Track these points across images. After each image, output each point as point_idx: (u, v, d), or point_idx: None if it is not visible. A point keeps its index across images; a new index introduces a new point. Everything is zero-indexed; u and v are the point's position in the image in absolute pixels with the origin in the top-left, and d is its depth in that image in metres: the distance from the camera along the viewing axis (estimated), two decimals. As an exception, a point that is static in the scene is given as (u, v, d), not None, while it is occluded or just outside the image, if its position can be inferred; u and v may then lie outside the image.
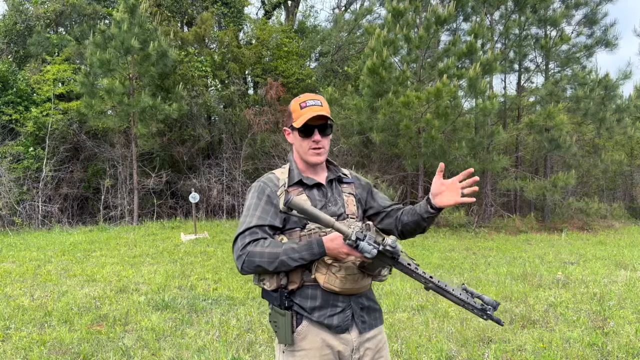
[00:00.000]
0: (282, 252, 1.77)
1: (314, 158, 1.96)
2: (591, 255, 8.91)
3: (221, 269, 7.50)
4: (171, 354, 4.11)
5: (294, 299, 1.87)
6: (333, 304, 1.86)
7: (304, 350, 1.86)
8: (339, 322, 1.87)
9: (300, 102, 1.94)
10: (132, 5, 12.94)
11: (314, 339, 1.86)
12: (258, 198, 1.90)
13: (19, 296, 5.91)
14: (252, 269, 1.81)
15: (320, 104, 1.94)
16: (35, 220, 13.16)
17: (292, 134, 1.98)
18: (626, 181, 18.76)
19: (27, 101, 14.32)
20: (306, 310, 1.86)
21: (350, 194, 2.03)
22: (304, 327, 1.86)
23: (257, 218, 1.85)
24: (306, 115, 1.90)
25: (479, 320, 4.94)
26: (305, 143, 1.94)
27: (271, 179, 1.96)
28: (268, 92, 15.51)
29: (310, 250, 1.77)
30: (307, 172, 2.00)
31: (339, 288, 1.82)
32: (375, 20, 17.12)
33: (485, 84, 11.51)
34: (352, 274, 1.83)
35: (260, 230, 1.84)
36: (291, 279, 1.85)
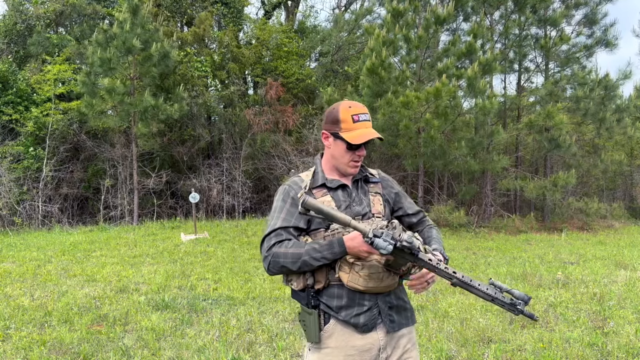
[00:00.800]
0: (304, 253, 1.81)
1: (352, 170, 2.00)
2: (591, 255, 8.91)
3: (221, 269, 7.50)
4: (171, 354, 4.11)
5: (321, 298, 1.89)
6: (359, 303, 1.88)
7: (329, 348, 1.89)
8: (365, 320, 1.88)
9: (353, 115, 1.92)
10: (135, 5, 12.95)
11: (339, 337, 1.88)
12: (283, 201, 1.94)
13: (19, 296, 5.92)
14: (277, 269, 1.86)
15: (369, 119, 1.97)
16: (35, 220, 13.16)
17: (335, 141, 1.96)
18: (626, 181, 18.76)
19: (27, 101, 14.33)
20: (333, 310, 1.88)
21: (377, 194, 2.05)
22: (330, 326, 1.89)
23: (282, 220, 1.90)
24: (363, 133, 1.91)
25: (478, 320, 4.94)
26: (348, 155, 1.96)
27: (296, 182, 1.99)
28: (268, 92, 15.51)
29: (331, 249, 1.80)
30: (332, 174, 2.01)
31: (362, 287, 1.84)
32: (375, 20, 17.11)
33: (484, 84, 11.51)
34: (376, 273, 1.84)
35: (284, 231, 1.88)
36: (317, 278, 1.88)
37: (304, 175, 2.02)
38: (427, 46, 12.64)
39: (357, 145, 1.93)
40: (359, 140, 1.90)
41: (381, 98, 11.62)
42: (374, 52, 11.55)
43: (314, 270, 1.87)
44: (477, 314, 5.18)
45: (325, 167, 2.03)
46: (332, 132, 1.96)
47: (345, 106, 1.95)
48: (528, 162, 17.23)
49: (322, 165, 2.03)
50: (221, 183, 15.12)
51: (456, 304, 5.50)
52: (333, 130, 1.95)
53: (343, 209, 1.91)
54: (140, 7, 13.06)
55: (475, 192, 13.86)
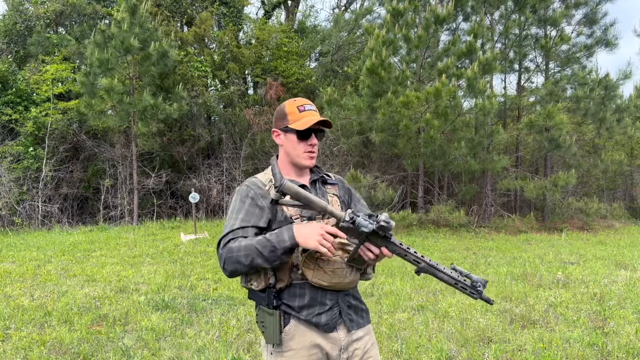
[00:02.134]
0: (255, 242, 1.76)
1: (307, 161, 1.98)
2: (591, 255, 8.91)
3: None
4: (171, 354, 4.11)
5: (282, 298, 1.86)
6: (321, 302, 1.86)
7: (292, 350, 1.86)
8: (327, 320, 1.87)
9: (298, 106, 1.96)
10: (133, 5, 12.94)
11: (302, 338, 1.86)
12: (241, 201, 1.90)
13: (19, 296, 5.91)
14: (232, 265, 1.79)
15: (315, 109, 1.99)
16: (35, 220, 13.16)
17: (286, 135, 1.97)
18: (626, 181, 18.76)
19: (27, 101, 14.33)
20: (294, 309, 1.86)
21: (334, 195, 2.04)
22: (292, 327, 1.86)
23: (241, 220, 1.86)
24: (309, 119, 1.92)
25: (479, 320, 4.94)
26: (301, 146, 1.95)
27: (255, 182, 1.96)
28: (268, 92, 15.51)
29: (280, 236, 1.75)
30: (290, 174, 2.00)
31: (327, 283, 1.82)
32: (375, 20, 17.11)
33: (484, 84, 11.50)
34: (341, 269, 1.83)
35: (242, 231, 1.83)
36: (279, 277, 1.85)
37: (261, 176, 1.99)
38: (427, 46, 12.64)
39: (307, 134, 1.93)
40: (307, 125, 1.90)
41: (381, 98, 11.62)
42: (373, 52, 11.54)
43: (276, 269, 1.83)
44: (477, 314, 5.17)
45: (282, 168, 2.01)
46: (281, 128, 1.97)
47: (290, 101, 1.99)
48: (528, 162, 17.24)
49: (278, 167, 2.01)
50: (221, 183, 15.12)
51: (456, 304, 5.50)
52: (282, 126, 1.96)
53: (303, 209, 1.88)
54: (139, 6, 13.06)
55: (475, 192, 13.86)
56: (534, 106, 15.36)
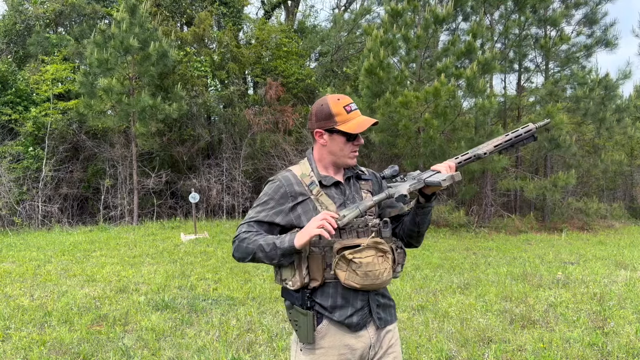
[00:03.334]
0: (262, 239, 1.85)
1: (352, 161, 2.00)
2: (591, 255, 8.91)
3: (221, 269, 7.50)
4: (171, 354, 4.11)
5: (315, 297, 1.90)
6: (353, 303, 1.90)
7: (323, 349, 1.90)
8: (358, 320, 1.91)
9: (345, 106, 1.93)
10: (132, 5, 12.94)
11: (333, 337, 1.90)
12: (269, 195, 1.95)
13: (19, 296, 5.91)
14: (239, 253, 1.90)
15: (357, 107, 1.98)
16: (35, 220, 13.15)
17: (332, 136, 1.94)
18: (626, 181, 18.75)
19: (27, 101, 14.32)
20: (327, 310, 1.89)
21: (368, 191, 2.05)
22: (323, 326, 1.90)
23: (260, 215, 1.93)
24: (359, 122, 1.92)
25: (479, 320, 4.94)
26: (348, 147, 1.95)
27: (289, 178, 1.97)
28: (268, 92, 15.50)
29: (283, 238, 1.83)
30: (328, 171, 2.00)
31: (359, 285, 1.84)
32: (375, 19, 17.11)
33: (484, 83, 11.50)
34: (373, 270, 1.85)
35: (257, 224, 1.91)
36: (313, 276, 1.87)
37: (297, 170, 2.00)
38: (426, 46, 12.63)
39: (355, 135, 1.95)
40: (359, 129, 1.90)
41: (380, 98, 11.62)
42: (372, 52, 11.54)
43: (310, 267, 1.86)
44: (477, 314, 5.18)
45: (320, 164, 2.01)
46: (326, 129, 1.93)
47: (333, 100, 1.94)
48: (528, 162, 17.23)
49: (315, 162, 2.01)
50: (221, 183, 15.11)
51: (456, 304, 5.50)
52: (328, 127, 1.93)
53: (338, 206, 1.92)
54: (138, 6, 13.05)
55: (475, 192, 13.86)
56: (534, 106, 15.35)
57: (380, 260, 1.86)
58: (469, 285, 6.44)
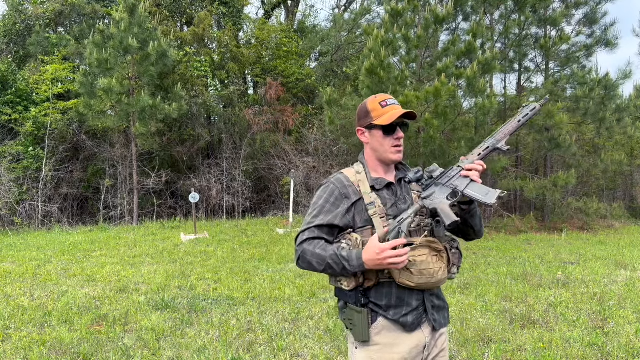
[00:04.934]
0: (328, 257, 1.84)
1: (395, 156, 2.00)
2: (591, 255, 8.90)
3: (221, 269, 7.50)
4: (171, 354, 4.11)
5: (369, 296, 1.91)
6: (408, 302, 1.91)
7: (378, 345, 1.90)
8: (413, 319, 1.91)
9: (380, 102, 1.97)
10: (131, 5, 12.94)
11: (388, 334, 1.90)
12: (324, 199, 1.96)
13: (19, 296, 5.91)
14: (306, 265, 1.90)
15: (397, 103, 2.00)
16: (35, 220, 13.15)
17: (371, 132, 1.99)
18: (626, 181, 18.75)
19: (27, 101, 14.32)
20: (382, 308, 1.90)
21: (418, 192, 2.05)
22: (378, 324, 1.91)
23: (319, 219, 1.92)
24: (392, 113, 1.94)
25: (479, 320, 4.94)
26: (387, 141, 1.97)
27: (341, 180, 1.99)
28: (268, 92, 15.51)
29: (349, 261, 1.81)
30: (377, 172, 2.02)
31: (414, 283, 1.85)
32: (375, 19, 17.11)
33: (484, 83, 11.50)
34: (427, 269, 1.86)
35: (318, 229, 1.91)
36: (367, 276, 1.88)
37: (350, 173, 2.01)
38: (426, 46, 12.62)
39: (392, 129, 1.96)
40: (391, 119, 1.92)
41: (381, 98, 11.59)
42: (372, 52, 11.54)
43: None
44: (477, 314, 5.17)
45: (370, 166, 2.03)
46: (365, 126, 1.99)
47: (371, 98, 2.00)
48: (528, 162, 17.23)
49: (367, 164, 2.04)
50: (221, 183, 15.11)
51: (456, 304, 5.50)
52: (366, 124, 1.99)
53: (389, 207, 1.93)
54: (138, 6, 13.05)
55: (475, 192, 13.83)
56: (533, 106, 15.33)
57: (434, 259, 1.88)
58: (469, 285, 6.44)
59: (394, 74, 12.05)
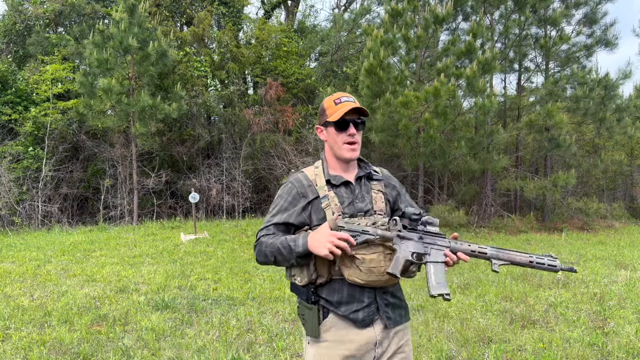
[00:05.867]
0: (278, 243, 1.89)
1: (349, 153, 2.01)
2: (591, 255, 8.91)
3: (221, 269, 7.50)
4: (171, 354, 4.11)
5: (321, 293, 1.94)
6: (359, 299, 1.92)
7: (327, 342, 1.93)
8: (364, 316, 1.93)
9: (335, 99, 2.02)
10: (131, 5, 12.93)
11: (337, 331, 1.93)
12: (283, 198, 2.01)
13: (19, 296, 5.91)
14: (261, 257, 1.95)
15: (354, 100, 2.02)
16: (35, 220, 13.15)
17: (327, 130, 2.04)
18: (626, 181, 18.75)
19: (27, 101, 14.32)
20: (333, 304, 1.93)
21: (379, 191, 2.07)
22: (329, 320, 1.94)
23: (276, 217, 1.98)
24: (343, 109, 1.97)
25: (479, 320, 4.94)
26: (340, 137, 2.00)
27: (300, 179, 2.03)
28: (268, 92, 15.50)
29: (296, 241, 1.85)
30: (337, 169, 2.05)
31: (363, 281, 1.87)
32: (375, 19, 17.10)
33: (484, 83, 11.50)
34: (378, 267, 1.87)
35: (274, 227, 1.97)
36: (320, 272, 1.91)
37: (309, 172, 2.06)
38: (426, 46, 12.62)
39: (345, 125, 1.98)
40: (340, 115, 1.95)
41: (380, 98, 11.62)
42: (372, 52, 11.54)
43: (317, 263, 1.90)
44: (477, 314, 5.17)
45: (330, 165, 2.07)
46: (322, 124, 2.04)
47: (328, 98, 2.05)
48: (528, 162, 17.23)
49: (326, 161, 2.08)
50: (221, 183, 15.11)
51: (456, 304, 5.50)
52: (323, 121, 2.04)
53: (346, 205, 1.96)
54: (137, 6, 13.04)
55: (475, 192, 13.86)
56: (533, 106, 15.35)
57: (387, 258, 1.88)
58: (469, 285, 6.44)
59: (394, 74, 12.06)
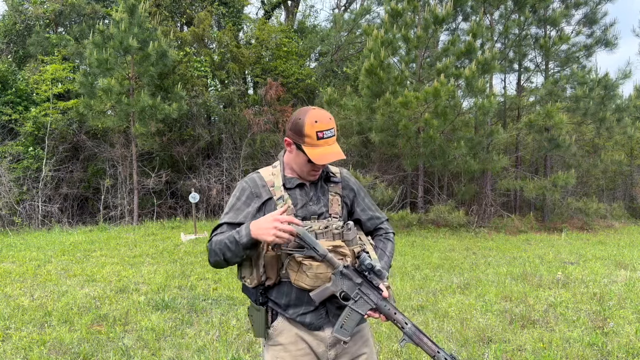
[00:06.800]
0: (225, 238, 1.84)
1: (311, 178, 1.99)
2: (591, 255, 8.91)
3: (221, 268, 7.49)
4: (171, 354, 4.11)
5: (270, 295, 1.93)
6: (307, 302, 1.89)
7: (281, 345, 1.93)
8: (311, 320, 1.91)
9: (318, 131, 1.85)
10: (131, 5, 12.94)
11: (289, 334, 1.92)
12: (237, 198, 1.97)
13: (19, 296, 5.91)
14: (212, 258, 1.89)
15: (334, 134, 1.89)
16: (35, 220, 13.15)
17: (297, 152, 1.92)
18: (626, 181, 18.75)
19: (27, 101, 14.32)
20: (281, 307, 1.92)
21: (336, 194, 2.02)
22: (279, 323, 1.93)
23: (228, 216, 1.94)
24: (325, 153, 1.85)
25: (479, 320, 4.94)
26: (308, 167, 1.94)
27: (254, 179, 1.99)
28: (268, 92, 15.50)
29: (240, 232, 1.82)
30: (293, 173, 2.01)
31: (309, 286, 1.84)
32: (375, 19, 17.11)
33: (483, 83, 11.50)
34: (324, 273, 1.83)
35: (228, 227, 1.91)
36: (268, 274, 1.89)
37: (265, 173, 2.01)
38: (426, 46, 12.63)
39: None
40: (321, 161, 1.85)
41: (380, 98, 11.62)
42: (372, 52, 11.54)
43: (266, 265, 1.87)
44: (477, 314, 5.18)
45: (287, 167, 2.02)
46: (294, 142, 1.92)
47: (311, 120, 1.85)
48: (528, 162, 17.24)
49: (284, 165, 2.02)
50: (221, 183, 15.11)
51: (456, 304, 5.51)
52: (296, 141, 1.90)
53: (299, 208, 1.92)
54: (137, 6, 13.05)
55: (475, 192, 13.86)
56: (533, 106, 15.36)
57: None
58: (469, 285, 6.44)
59: (394, 74, 12.06)
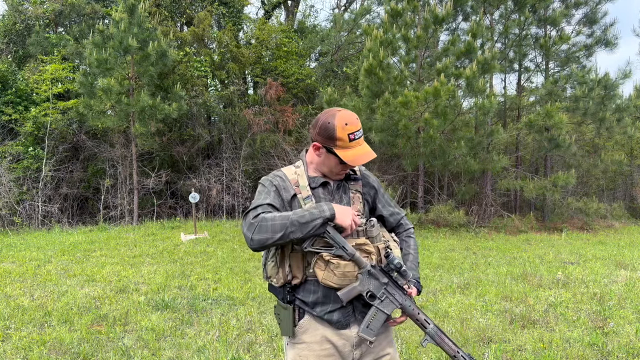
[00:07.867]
0: (291, 214, 1.81)
1: (339, 177, 2.03)
2: (591, 255, 8.91)
3: (221, 269, 7.50)
4: (171, 354, 4.11)
5: (297, 294, 1.94)
6: (334, 300, 1.91)
7: (304, 343, 1.93)
8: (339, 317, 1.92)
9: (349, 133, 1.89)
10: (131, 5, 12.94)
11: (314, 333, 1.93)
12: (266, 190, 1.97)
13: (19, 296, 5.91)
14: (263, 234, 1.78)
15: (362, 133, 1.95)
16: (35, 220, 13.15)
17: (328, 155, 1.94)
18: (626, 181, 18.75)
19: (27, 101, 14.32)
20: (308, 305, 1.93)
21: (357, 191, 2.06)
22: (305, 321, 1.94)
23: (270, 198, 1.92)
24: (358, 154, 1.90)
25: (479, 320, 4.94)
26: (339, 168, 1.98)
27: (280, 176, 2.02)
28: (268, 92, 15.50)
29: (319, 208, 1.82)
30: (317, 173, 2.03)
31: (336, 284, 1.86)
32: (375, 19, 17.10)
33: (483, 83, 11.50)
34: (352, 272, 1.86)
35: (271, 207, 1.89)
36: (294, 274, 1.91)
37: (288, 172, 2.03)
38: (426, 46, 12.62)
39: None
40: (356, 163, 1.90)
41: (380, 98, 11.62)
42: (372, 52, 11.54)
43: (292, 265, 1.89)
44: (477, 314, 5.18)
45: (310, 166, 2.04)
46: (325, 146, 1.93)
47: (341, 123, 1.88)
48: (528, 162, 17.23)
49: (307, 164, 2.05)
50: (221, 183, 15.11)
51: (456, 304, 5.50)
52: (327, 145, 1.92)
53: None
54: (137, 6, 13.05)
55: (475, 192, 13.86)
56: (533, 106, 15.36)
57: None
58: (469, 285, 6.44)
59: (394, 74, 12.06)
